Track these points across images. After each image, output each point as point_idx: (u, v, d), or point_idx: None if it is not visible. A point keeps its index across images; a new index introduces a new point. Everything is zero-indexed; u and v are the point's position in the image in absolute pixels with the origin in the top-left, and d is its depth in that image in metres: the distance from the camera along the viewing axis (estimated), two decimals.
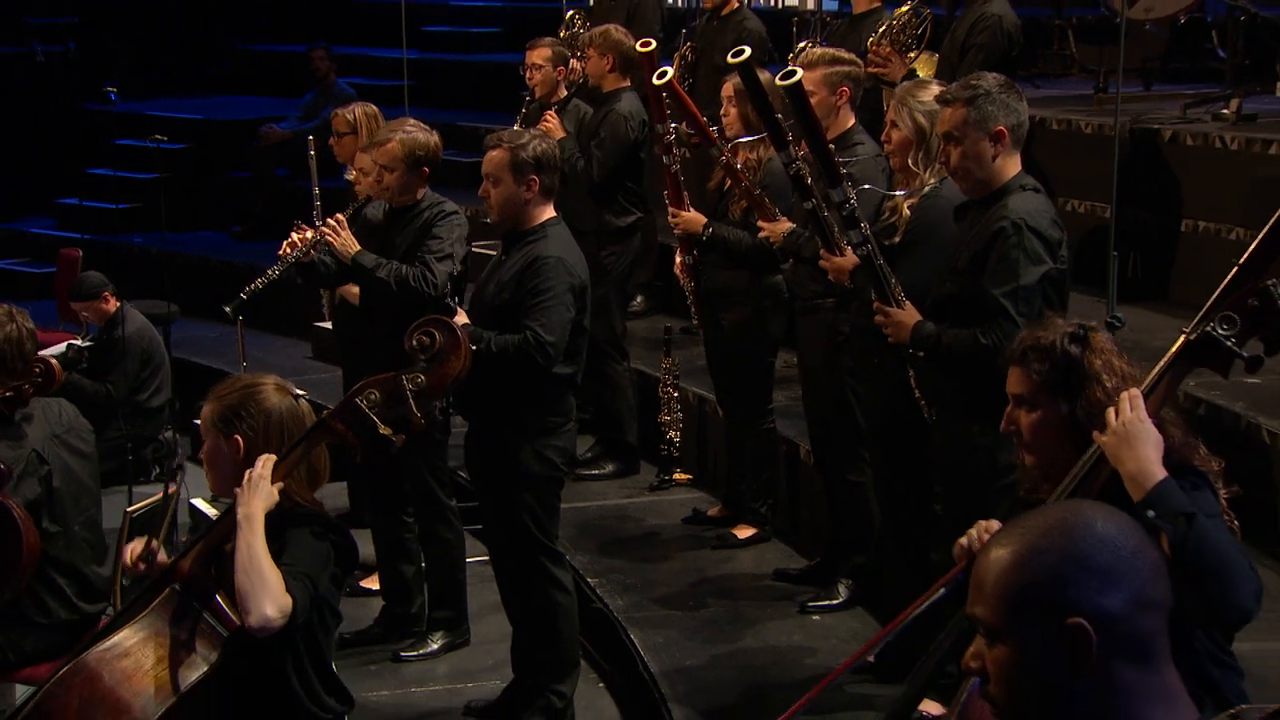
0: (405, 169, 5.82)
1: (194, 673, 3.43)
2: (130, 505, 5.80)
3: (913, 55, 6.94)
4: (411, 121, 5.99)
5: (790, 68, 4.98)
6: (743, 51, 5.11)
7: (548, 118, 7.58)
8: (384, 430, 3.53)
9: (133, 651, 3.44)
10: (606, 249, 7.62)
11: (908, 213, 5.08)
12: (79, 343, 8.82)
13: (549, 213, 5.35)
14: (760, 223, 5.94)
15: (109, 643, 3.47)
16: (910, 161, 5.05)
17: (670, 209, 6.51)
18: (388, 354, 5.53)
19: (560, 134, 7.49)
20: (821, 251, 5.27)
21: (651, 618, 6.11)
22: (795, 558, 6.60)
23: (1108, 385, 3.22)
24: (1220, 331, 3.04)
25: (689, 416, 7.57)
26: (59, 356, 8.58)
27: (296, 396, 3.73)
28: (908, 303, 4.65)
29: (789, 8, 12.70)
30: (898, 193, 5.08)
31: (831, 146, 4.93)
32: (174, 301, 9.97)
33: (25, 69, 13.51)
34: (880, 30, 6.92)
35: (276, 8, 15.24)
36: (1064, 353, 3.27)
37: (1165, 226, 7.48)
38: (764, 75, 5.66)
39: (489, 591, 5.97)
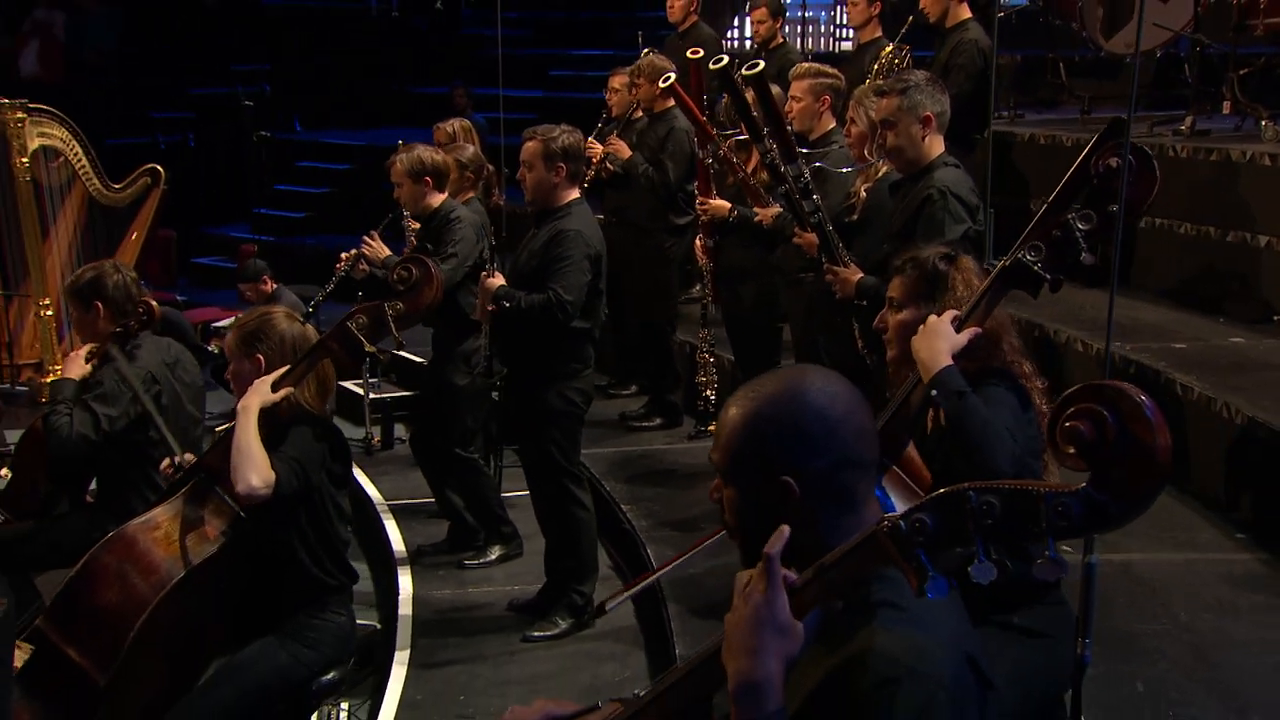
0: (410, 182, 5.91)
1: (210, 545, 3.44)
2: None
3: None
4: (422, 145, 6.09)
5: (754, 60, 4.86)
6: (721, 59, 4.98)
7: (612, 140, 7.53)
8: (369, 349, 3.51)
9: (163, 524, 3.46)
10: (668, 242, 7.55)
11: (864, 195, 4.94)
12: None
13: (574, 194, 5.27)
14: (754, 207, 5.81)
15: (145, 517, 3.51)
16: (866, 152, 4.93)
17: (699, 197, 6.39)
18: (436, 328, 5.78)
19: (628, 153, 7.42)
20: (795, 229, 5.14)
21: (667, 536, 6.00)
22: None
23: (960, 297, 3.12)
24: (1029, 258, 2.91)
25: (722, 378, 7.42)
26: (227, 327, 8.83)
27: (303, 322, 3.72)
28: (852, 263, 4.52)
29: (843, 51, 12.52)
30: (843, 169, 4.94)
31: (790, 128, 4.79)
32: (323, 287, 10.10)
33: (230, 106, 13.81)
34: (874, 70, 6.75)
35: (430, 57, 15.41)
36: (934, 266, 3.18)
37: (1126, 223, 7.16)
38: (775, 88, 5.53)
39: None
